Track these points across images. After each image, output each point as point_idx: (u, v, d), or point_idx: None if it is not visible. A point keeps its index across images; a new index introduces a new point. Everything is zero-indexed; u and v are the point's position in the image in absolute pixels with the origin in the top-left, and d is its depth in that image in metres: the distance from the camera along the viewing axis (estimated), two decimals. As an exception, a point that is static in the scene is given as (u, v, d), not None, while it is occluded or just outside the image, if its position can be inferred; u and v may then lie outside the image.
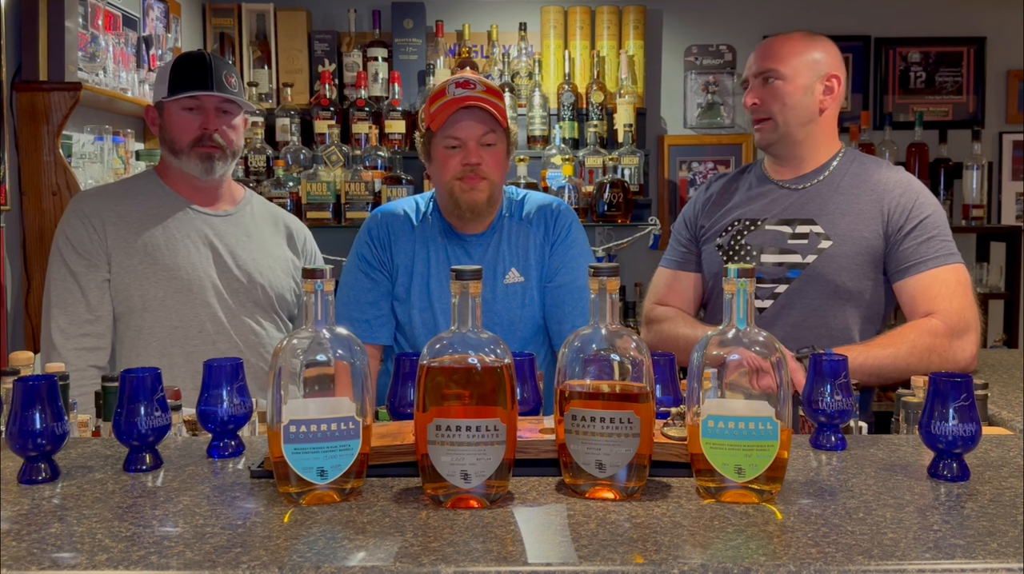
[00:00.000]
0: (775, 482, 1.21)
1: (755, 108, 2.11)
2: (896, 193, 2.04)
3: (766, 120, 2.10)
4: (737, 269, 1.21)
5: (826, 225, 2.05)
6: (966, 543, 1.05)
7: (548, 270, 2.15)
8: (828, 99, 2.09)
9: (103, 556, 1.02)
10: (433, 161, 2.08)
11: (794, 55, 2.07)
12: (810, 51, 2.08)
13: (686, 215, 2.29)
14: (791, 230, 2.08)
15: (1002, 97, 4.30)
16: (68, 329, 2.09)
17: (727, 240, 2.14)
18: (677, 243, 2.29)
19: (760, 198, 2.15)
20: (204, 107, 2.15)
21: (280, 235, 2.33)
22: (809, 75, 2.07)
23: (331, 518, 1.15)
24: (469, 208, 2.05)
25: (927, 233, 2.00)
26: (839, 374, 1.45)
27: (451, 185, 2.04)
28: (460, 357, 1.20)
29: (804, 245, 2.06)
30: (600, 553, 1.02)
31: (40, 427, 1.28)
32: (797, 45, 2.09)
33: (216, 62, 2.16)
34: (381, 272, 2.14)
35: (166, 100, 2.15)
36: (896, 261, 2.02)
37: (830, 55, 2.10)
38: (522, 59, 3.94)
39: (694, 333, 2.10)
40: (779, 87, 2.07)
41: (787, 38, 2.12)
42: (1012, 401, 1.87)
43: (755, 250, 2.10)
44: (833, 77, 2.09)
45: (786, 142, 2.11)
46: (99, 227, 2.12)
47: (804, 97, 2.07)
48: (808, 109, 2.08)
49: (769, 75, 2.08)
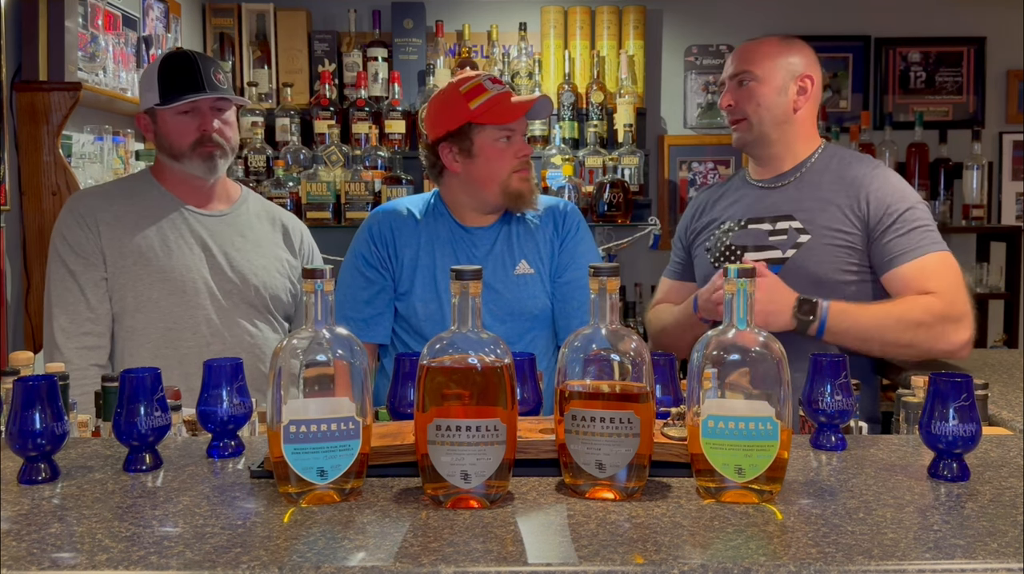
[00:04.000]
0: (775, 482, 1.21)
1: (730, 109, 2.17)
2: (874, 187, 2.05)
3: (741, 121, 2.16)
4: (737, 269, 1.22)
5: (804, 220, 2.08)
6: (966, 543, 1.05)
7: (557, 266, 2.17)
8: (802, 99, 2.13)
9: (103, 556, 1.02)
10: (478, 156, 2.08)
11: (768, 58, 2.12)
12: (784, 55, 2.13)
13: (681, 225, 2.37)
14: (771, 227, 2.12)
15: (1002, 97, 4.30)
16: (69, 328, 2.09)
17: (713, 243, 2.20)
18: (675, 254, 2.38)
19: (742, 199, 2.21)
20: (199, 109, 2.15)
21: (277, 234, 2.33)
22: (783, 76, 2.12)
23: (331, 518, 1.15)
24: (530, 194, 2.11)
25: (908, 225, 2.01)
26: (839, 374, 1.45)
27: (509, 179, 2.08)
28: (460, 357, 1.20)
29: (783, 240, 2.08)
30: (600, 553, 1.02)
31: (40, 427, 1.28)
32: (771, 48, 2.14)
33: (202, 61, 2.16)
34: (380, 271, 2.14)
35: (159, 107, 2.14)
36: (881, 255, 2.02)
37: (804, 57, 2.14)
38: (522, 59, 3.93)
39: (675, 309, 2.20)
40: (753, 88, 2.12)
41: (762, 42, 2.17)
42: (1012, 401, 1.87)
43: (739, 250, 2.14)
44: (807, 78, 2.13)
45: (761, 142, 2.16)
46: (93, 227, 2.12)
47: (778, 97, 2.12)
48: (781, 109, 2.12)
49: (744, 77, 2.13)
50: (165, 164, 2.21)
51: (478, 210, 2.15)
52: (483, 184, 2.10)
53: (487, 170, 2.09)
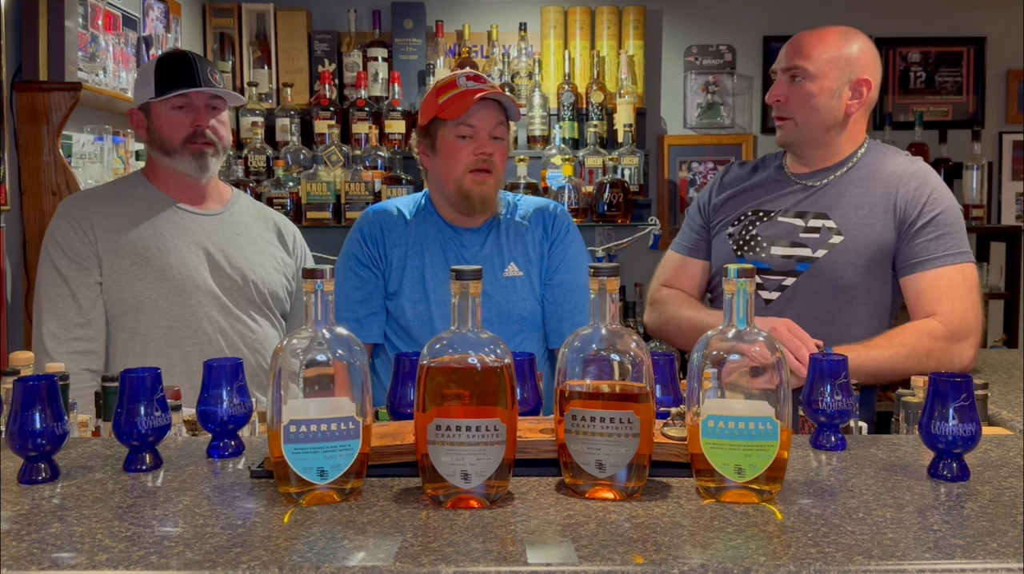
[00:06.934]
0: (775, 482, 1.21)
1: (778, 105, 2.06)
2: (911, 186, 2.00)
3: (787, 119, 2.05)
4: (737, 269, 1.21)
5: (838, 219, 2.02)
6: (966, 543, 1.05)
7: (547, 268, 2.15)
8: (855, 103, 2.03)
9: (103, 556, 1.02)
10: (439, 152, 2.08)
11: (824, 53, 2.00)
12: (842, 53, 2.00)
13: (701, 201, 2.25)
14: (804, 223, 2.05)
15: (1002, 97, 4.30)
16: (59, 333, 2.08)
17: (739, 230, 2.12)
18: (689, 228, 2.26)
19: (776, 190, 2.12)
20: (194, 104, 2.15)
21: (270, 233, 2.33)
22: (838, 77, 2.00)
23: (331, 518, 1.15)
24: (480, 200, 2.06)
25: (939, 230, 1.97)
26: (839, 374, 1.45)
27: (462, 177, 2.04)
28: (460, 357, 1.20)
29: (815, 239, 2.03)
30: (600, 553, 1.02)
31: (40, 427, 1.28)
32: (829, 44, 2.01)
33: (199, 60, 2.17)
34: (371, 270, 2.14)
35: (154, 101, 2.15)
36: (905, 256, 1.99)
37: (864, 56, 2.02)
38: (522, 59, 3.93)
39: (696, 315, 2.10)
40: (804, 88, 2.01)
41: (820, 34, 2.04)
42: (1012, 401, 1.87)
43: (765, 242, 2.07)
44: (863, 83, 2.02)
45: (806, 144, 2.07)
46: (88, 230, 2.12)
47: (829, 100, 2.01)
48: (832, 113, 2.02)
49: (796, 73, 2.02)
50: (157, 164, 2.21)
51: (453, 208, 2.12)
52: (444, 181, 2.09)
53: (445, 167, 2.07)
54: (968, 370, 1.95)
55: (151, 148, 2.22)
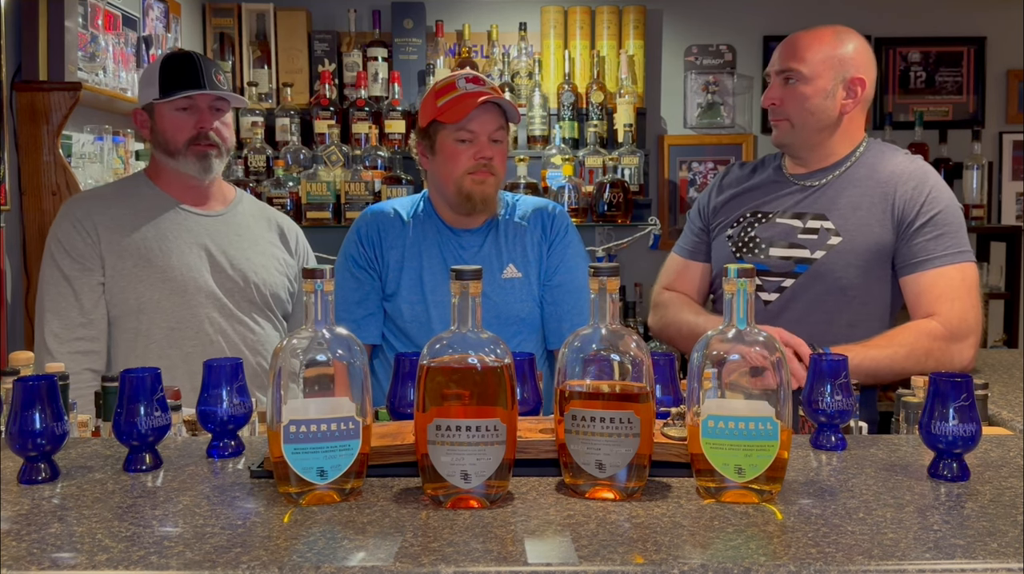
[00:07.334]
0: (775, 482, 1.21)
1: (773, 108, 2.07)
2: (909, 186, 2.00)
3: (782, 120, 2.06)
4: (737, 269, 1.21)
5: (836, 220, 2.02)
6: (966, 543, 1.05)
7: (546, 269, 2.15)
8: (850, 103, 2.03)
9: (103, 556, 1.02)
10: (438, 154, 2.08)
11: (817, 54, 2.01)
12: (836, 49, 2.01)
13: (701, 203, 2.26)
14: (802, 224, 2.05)
15: (1002, 97, 4.30)
16: (62, 334, 2.08)
17: (737, 231, 2.12)
18: (690, 231, 2.26)
19: (774, 191, 2.12)
20: (198, 106, 2.15)
21: (273, 233, 2.33)
22: (831, 77, 2.01)
23: (331, 518, 1.15)
24: (481, 199, 2.06)
25: (938, 229, 1.96)
26: (839, 374, 1.45)
27: (462, 179, 2.05)
28: (460, 357, 1.20)
29: (813, 240, 2.03)
30: (600, 553, 1.02)
31: (40, 427, 1.28)
32: (821, 44, 2.01)
33: (204, 61, 2.17)
34: (368, 271, 2.14)
35: (158, 102, 2.14)
36: (904, 256, 1.99)
37: (857, 55, 2.03)
38: (522, 59, 3.93)
39: (696, 320, 2.11)
40: (799, 90, 2.01)
41: (813, 35, 2.04)
42: (1012, 401, 1.87)
43: (764, 243, 2.07)
44: (857, 81, 2.02)
45: (802, 144, 2.08)
46: (91, 231, 2.12)
47: (824, 101, 2.01)
48: (827, 113, 2.03)
49: (790, 75, 2.03)
50: (160, 164, 2.21)
51: (453, 210, 2.12)
52: (443, 183, 2.09)
53: (444, 169, 2.07)
54: (968, 370, 1.95)
55: (154, 149, 2.22)
